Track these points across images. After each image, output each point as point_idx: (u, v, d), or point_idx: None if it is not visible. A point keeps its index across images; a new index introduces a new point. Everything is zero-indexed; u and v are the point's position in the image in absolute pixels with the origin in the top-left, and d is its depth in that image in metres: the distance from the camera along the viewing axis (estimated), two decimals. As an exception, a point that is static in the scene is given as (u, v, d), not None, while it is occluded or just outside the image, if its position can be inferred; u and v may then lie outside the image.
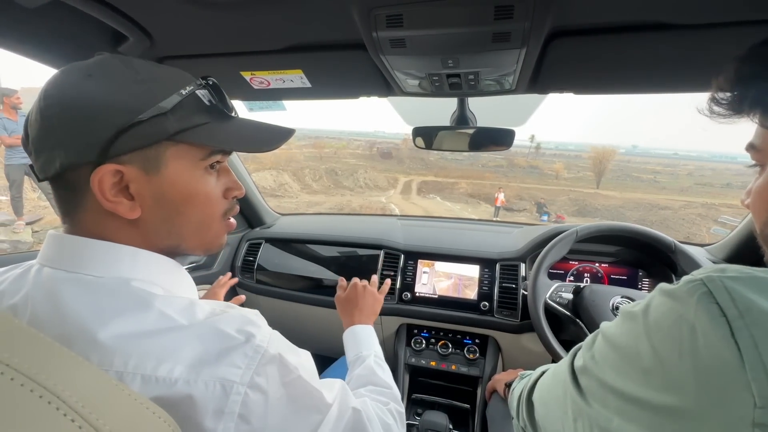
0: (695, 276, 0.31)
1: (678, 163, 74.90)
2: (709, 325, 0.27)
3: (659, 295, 0.33)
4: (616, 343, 0.36)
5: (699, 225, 21.93)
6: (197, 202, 0.45)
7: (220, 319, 0.39)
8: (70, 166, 0.38)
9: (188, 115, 0.42)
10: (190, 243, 0.47)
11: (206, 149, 0.44)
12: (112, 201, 0.39)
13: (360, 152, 59.34)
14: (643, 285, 1.22)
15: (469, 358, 1.26)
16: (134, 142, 0.39)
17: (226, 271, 1.51)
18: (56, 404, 0.23)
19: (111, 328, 0.36)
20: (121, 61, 0.41)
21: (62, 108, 0.38)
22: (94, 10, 0.63)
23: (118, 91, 0.39)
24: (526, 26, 0.58)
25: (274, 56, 0.79)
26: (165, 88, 0.41)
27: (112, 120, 0.38)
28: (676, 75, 0.70)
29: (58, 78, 0.39)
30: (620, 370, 0.34)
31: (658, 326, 0.31)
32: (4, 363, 0.22)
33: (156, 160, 0.41)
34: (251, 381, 0.37)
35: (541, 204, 24.92)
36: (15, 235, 5.41)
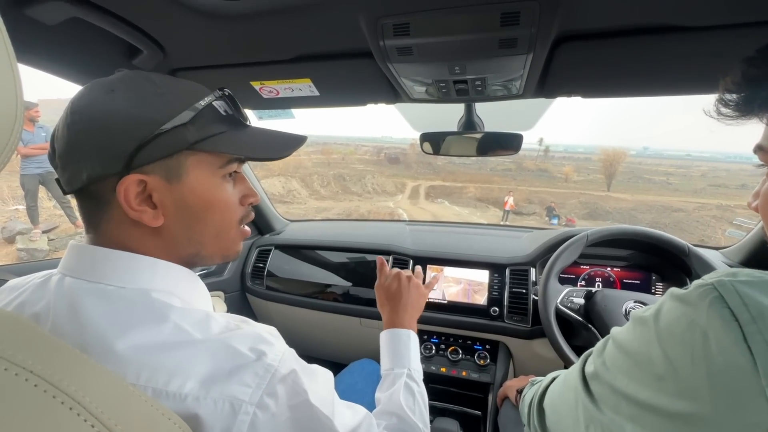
0: (706, 280, 0.31)
1: (691, 165, 73.64)
2: (722, 330, 0.27)
3: (670, 300, 0.33)
4: (627, 348, 0.36)
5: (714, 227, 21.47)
6: (216, 209, 0.47)
7: (233, 336, 0.39)
8: (96, 178, 0.40)
9: (206, 125, 0.44)
10: (209, 250, 0.48)
11: (224, 158, 0.46)
12: (137, 210, 0.41)
13: (368, 158, 59.55)
14: (656, 289, 1.20)
15: (479, 364, 1.25)
16: (156, 152, 0.40)
17: (236, 277, 1.53)
18: (77, 410, 0.24)
19: (127, 339, 0.36)
20: (141, 76, 0.43)
21: (88, 123, 0.39)
22: (110, 26, 0.65)
23: (140, 104, 0.40)
24: (532, 32, 0.58)
25: (283, 66, 0.80)
26: (184, 100, 0.43)
27: (135, 132, 0.39)
28: (684, 77, 0.70)
29: (83, 94, 0.41)
30: (632, 376, 0.33)
31: (669, 331, 0.31)
32: (28, 369, 0.23)
33: (177, 169, 0.43)
34: (260, 401, 0.37)
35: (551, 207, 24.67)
36: (32, 243, 5.54)
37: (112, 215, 0.42)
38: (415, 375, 0.71)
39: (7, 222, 6.49)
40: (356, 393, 1.00)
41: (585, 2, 0.56)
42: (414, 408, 0.64)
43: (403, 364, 0.71)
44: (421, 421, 0.63)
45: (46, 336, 0.27)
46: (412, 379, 0.69)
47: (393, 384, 0.68)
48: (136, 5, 0.63)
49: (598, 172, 47.55)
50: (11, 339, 0.24)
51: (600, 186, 42.13)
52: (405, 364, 0.72)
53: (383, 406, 0.65)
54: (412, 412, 0.63)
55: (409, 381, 0.68)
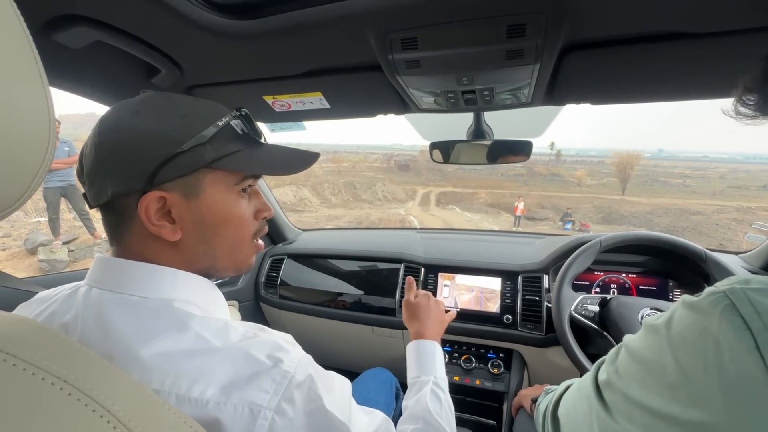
0: (718, 288, 0.30)
1: (709, 166, 71.95)
2: (734, 339, 0.27)
3: (682, 308, 0.33)
4: (639, 356, 0.36)
5: (735, 230, 20.86)
6: (231, 224, 0.49)
7: (251, 344, 0.41)
8: (120, 194, 0.42)
9: (224, 143, 0.46)
10: (224, 263, 0.50)
11: (240, 174, 0.48)
12: (157, 225, 0.43)
13: (378, 165, 59.79)
14: (674, 296, 1.18)
15: (493, 373, 1.24)
16: (177, 170, 0.43)
17: (250, 287, 1.55)
18: (107, 417, 0.25)
19: (151, 347, 0.38)
20: (165, 97, 0.45)
21: (113, 143, 0.42)
22: (130, 47, 0.68)
23: (162, 125, 0.43)
24: (539, 43, 0.59)
25: (294, 81, 0.83)
26: (203, 120, 0.45)
27: (157, 152, 0.42)
28: (693, 82, 0.70)
29: (110, 115, 0.44)
30: (645, 385, 0.33)
31: (681, 339, 0.31)
32: (62, 379, 0.25)
33: (195, 186, 0.45)
34: (278, 406, 0.38)
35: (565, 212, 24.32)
36: (53, 255, 5.70)
37: (133, 229, 0.44)
38: (441, 383, 0.73)
39: (30, 234, 6.69)
40: (370, 401, 1.00)
41: (591, 12, 0.56)
42: (441, 413, 0.65)
43: (429, 372, 0.74)
44: (448, 426, 0.64)
45: (77, 346, 0.29)
46: (438, 387, 0.71)
47: (420, 390, 0.70)
48: (156, 28, 0.66)
49: (611, 176, 46.82)
50: (45, 349, 0.26)
51: (614, 190, 41.44)
52: (431, 372, 0.74)
53: (410, 411, 0.66)
54: (438, 416, 0.64)
55: (435, 388, 0.70)
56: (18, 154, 0.24)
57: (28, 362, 0.24)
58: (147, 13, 0.61)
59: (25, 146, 0.24)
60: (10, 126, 0.23)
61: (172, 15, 0.60)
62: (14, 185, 0.24)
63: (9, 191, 0.24)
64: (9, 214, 0.26)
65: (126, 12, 0.61)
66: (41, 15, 0.58)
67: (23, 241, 6.52)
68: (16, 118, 0.23)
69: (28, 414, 0.22)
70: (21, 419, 0.22)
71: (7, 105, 0.23)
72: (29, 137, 0.25)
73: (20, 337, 0.25)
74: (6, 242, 6.92)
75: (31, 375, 0.23)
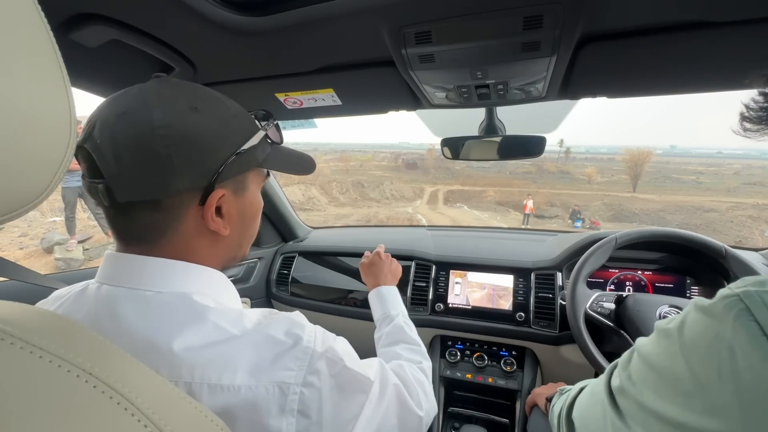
0: (732, 290, 0.29)
1: (722, 163, 70.47)
2: (749, 346, 0.26)
3: (694, 311, 0.32)
4: (652, 362, 0.34)
5: (750, 227, 20.41)
6: (258, 216, 0.54)
7: (268, 326, 0.43)
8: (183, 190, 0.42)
9: (262, 146, 0.50)
10: (242, 252, 0.54)
11: (264, 172, 0.54)
12: (215, 221, 0.45)
13: (385, 164, 59.80)
14: (692, 293, 1.15)
15: (506, 371, 1.23)
16: (235, 169, 0.45)
17: (262, 284, 1.57)
18: (132, 410, 0.25)
19: (176, 342, 0.39)
20: (209, 94, 0.45)
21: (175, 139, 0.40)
22: (145, 45, 0.69)
23: (222, 125, 0.44)
24: (555, 34, 0.58)
25: (306, 77, 0.83)
26: (252, 123, 0.49)
27: (225, 150, 0.44)
28: (714, 73, 0.68)
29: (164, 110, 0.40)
30: (659, 392, 0.32)
31: (694, 346, 0.30)
32: (86, 371, 0.25)
33: (243, 183, 0.49)
34: (304, 380, 0.40)
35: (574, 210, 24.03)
36: (68, 253, 5.82)
37: (180, 227, 0.44)
38: (407, 316, 0.84)
39: (46, 233, 6.84)
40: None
41: (610, 1, 0.55)
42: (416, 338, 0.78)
43: (396, 309, 0.85)
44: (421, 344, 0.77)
45: (100, 339, 0.29)
46: (405, 317, 0.83)
47: (391, 322, 0.81)
48: (170, 26, 0.66)
49: (622, 173, 46.14)
50: (68, 341, 0.26)
51: (625, 187, 40.85)
52: (397, 309, 0.85)
53: (389, 337, 0.78)
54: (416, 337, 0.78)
55: (405, 319, 0.82)
56: (39, 151, 0.24)
57: (53, 354, 0.24)
58: (162, 11, 0.61)
59: (47, 144, 0.25)
60: (32, 124, 0.23)
61: (186, 12, 0.61)
62: (35, 182, 0.25)
63: (30, 188, 0.24)
64: (29, 210, 0.26)
65: (142, 10, 0.61)
66: (59, 14, 0.59)
67: (40, 240, 6.68)
68: (38, 116, 0.24)
69: (51, 405, 0.22)
70: (45, 410, 0.22)
71: (29, 103, 0.23)
72: (51, 135, 0.25)
73: (44, 329, 0.26)
74: (23, 241, 7.09)
75: (57, 367, 0.23)
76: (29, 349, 0.23)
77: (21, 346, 0.23)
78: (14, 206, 0.24)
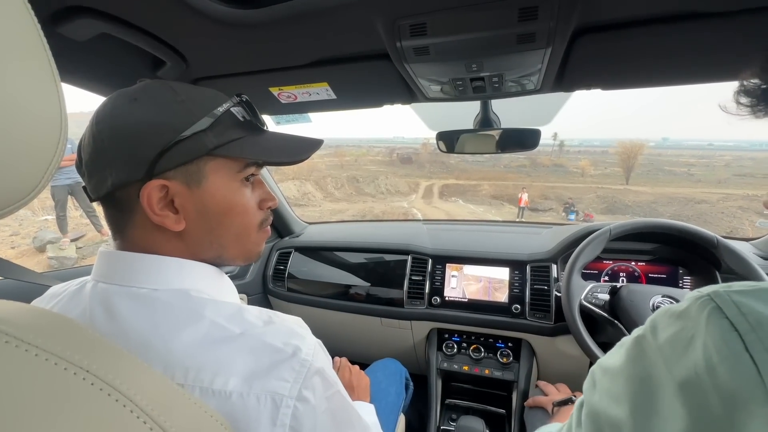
0: (702, 292, 0.30)
1: (713, 154, 71.06)
2: (722, 341, 0.27)
3: (664, 316, 0.32)
4: (624, 372, 0.34)
5: (741, 218, 20.67)
6: (236, 213, 0.48)
7: (267, 332, 0.41)
8: (120, 184, 0.41)
9: (225, 130, 0.45)
10: (231, 252, 0.50)
11: (242, 162, 0.47)
12: (159, 214, 0.42)
13: (380, 159, 59.62)
14: (684, 283, 1.17)
15: (502, 362, 1.24)
16: (177, 158, 0.42)
17: (258, 280, 1.56)
18: (130, 407, 0.25)
19: (172, 341, 0.38)
20: (162, 85, 0.44)
21: (111, 131, 0.41)
22: (136, 39, 0.68)
23: (161, 112, 0.41)
24: (551, 26, 0.58)
25: (300, 71, 0.82)
26: (203, 107, 0.44)
27: (157, 139, 0.41)
28: (710, 64, 0.68)
29: (107, 104, 0.43)
30: (636, 405, 0.31)
31: (671, 348, 0.30)
32: (85, 369, 0.25)
33: (197, 175, 0.44)
34: (299, 394, 0.38)
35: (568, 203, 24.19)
36: (61, 252, 5.76)
37: (136, 220, 0.44)
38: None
39: (38, 232, 6.75)
40: (380, 392, 1.00)
41: None
42: None
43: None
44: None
45: (98, 337, 0.29)
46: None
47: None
48: (161, 19, 0.65)
49: (615, 166, 46.43)
50: (66, 340, 0.26)
51: (618, 179, 41.13)
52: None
53: None
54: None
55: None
56: (29, 147, 0.24)
57: (49, 351, 0.24)
58: (152, 3, 0.60)
59: (37, 140, 0.24)
60: (21, 119, 0.23)
61: (177, 5, 0.60)
62: (26, 178, 0.24)
63: (21, 184, 0.24)
64: (21, 206, 0.26)
65: (131, 2, 0.60)
66: (47, 7, 0.57)
67: (32, 239, 6.59)
68: (27, 112, 0.23)
69: (49, 403, 0.22)
70: (43, 408, 0.22)
71: (18, 98, 0.23)
72: (40, 131, 0.25)
73: (40, 327, 0.25)
74: (15, 240, 7.00)
75: (53, 365, 0.23)
76: (25, 347, 0.23)
77: (17, 344, 0.22)
78: (5, 203, 0.24)
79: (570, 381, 1.22)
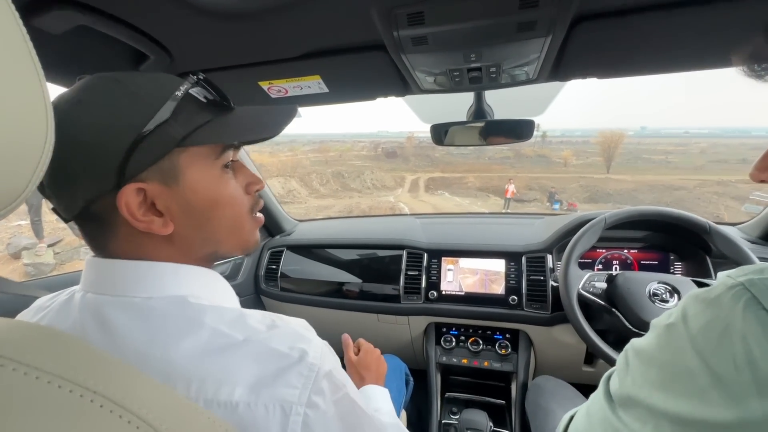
0: (735, 279, 0.29)
1: (690, 142, 73.32)
2: (762, 334, 0.26)
3: (695, 303, 0.31)
4: (658, 360, 0.33)
5: (716, 203, 21.42)
6: (223, 204, 0.45)
7: (272, 337, 0.39)
8: (93, 198, 0.38)
9: (190, 117, 0.41)
10: (227, 246, 0.47)
11: (217, 148, 0.43)
12: (143, 221, 0.39)
13: (365, 153, 59.47)
14: (675, 269, 1.19)
15: (500, 354, 1.24)
16: (146, 157, 0.38)
17: (250, 281, 1.53)
18: (144, 428, 0.23)
19: (172, 351, 0.36)
20: (105, 79, 0.39)
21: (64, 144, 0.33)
22: (116, 32, 0.64)
23: (113, 111, 0.37)
24: (552, 13, 0.57)
25: (291, 64, 0.79)
26: (158, 95, 0.39)
27: (117, 142, 0.37)
28: (710, 50, 0.68)
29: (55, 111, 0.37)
30: (670, 391, 0.31)
31: (705, 338, 0.29)
32: (91, 390, 0.22)
33: (172, 171, 0.40)
34: (309, 400, 0.36)
35: (551, 193, 24.61)
36: (38, 258, 5.56)
37: (119, 233, 0.40)
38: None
39: (12, 238, 6.49)
40: (381, 389, 0.99)
41: None
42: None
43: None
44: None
45: (98, 352, 0.26)
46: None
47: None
48: (143, 9, 0.61)
49: (596, 155, 47.44)
50: (66, 358, 0.23)
51: (599, 169, 42.06)
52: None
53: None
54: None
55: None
56: (14, 148, 0.21)
57: (50, 373, 0.21)
58: None
59: (21, 140, 0.22)
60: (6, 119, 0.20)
61: None
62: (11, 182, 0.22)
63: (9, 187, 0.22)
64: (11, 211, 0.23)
65: None
66: None
67: (5, 246, 6.34)
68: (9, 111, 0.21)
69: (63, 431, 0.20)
70: None
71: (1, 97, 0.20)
72: (27, 130, 0.22)
73: (33, 345, 0.23)
74: (-13, 248, 6.71)
75: (57, 388, 0.21)
76: (23, 369, 0.20)
77: (14, 367, 0.20)
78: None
79: (567, 369, 1.23)
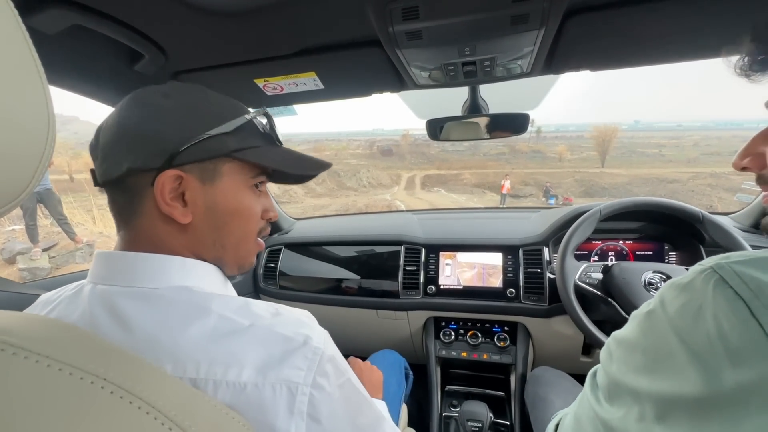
0: (705, 265, 0.32)
1: (683, 135, 73.73)
2: (729, 309, 0.29)
3: (671, 289, 0.34)
4: (640, 345, 0.36)
5: (709, 195, 21.63)
6: (241, 216, 0.49)
7: (276, 323, 0.41)
8: (136, 170, 0.42)
9: (246, 137, 0.48)
10: (229, 257, 0.50)
11: (256, 170, 0.50)
12: (169, 204, 0.43)
13: (360, 152, 59.37)
14: (670, 259, 1.21)
15: (499, 346, 1.26)
16: (198, 154, 0.44)
17: (249, 279, 1.53)
18: (154, 414, 0.24)
19: (180, 336, 0.37)
20: (197, 88, 0.47)
21: (141, 119, 0.43)
22: (110, 30, 0.64)
23: (192, 109, 0.44)
24: (545, 6, 0.57)
25: (286, 61, 0.79)
26: (231, 112, 0.47)
27: (183, 133, 0.43)
28: (698, 42, 0.69)
29: (138, 95, 0.45)
30: (654, 373, 0.33)
31: (681, 319, 0.32)
32: (101, 377, 0.23)
33: (213, 172, 0.46)
34: (314, 381, 0.38)
35: (547, 187, 24.72)
36: (33, 263, 5.50)
37: (144, 209, 0.44)
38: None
39: (6, 243, 6.42)
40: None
41: None
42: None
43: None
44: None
45: (107, 343, 0.27)
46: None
47: None
48: (137, 8, 0.61)
49: (591, 150, 47.65)
50: (76, 347, 0.24)
51: (594, 163, 42.27)
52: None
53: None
54: None
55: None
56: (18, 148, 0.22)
57: (61, 361, 0.22)
58: None
59: (25, 140, 0.22)
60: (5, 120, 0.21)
61: None
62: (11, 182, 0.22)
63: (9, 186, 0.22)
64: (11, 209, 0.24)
65: None
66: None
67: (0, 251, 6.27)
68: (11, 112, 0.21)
69: (70, 417, 0.20)
70: (64, 423, 0.20)
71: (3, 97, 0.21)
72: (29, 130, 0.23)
73: (45, 335, 0.23)
74: (-20, 253, 6.64)
75: (68, 375, 0.21)
76: (35, 358, 0.21)
77: (25, 355, 0.20)
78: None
79: (565, 360, 1.25)
